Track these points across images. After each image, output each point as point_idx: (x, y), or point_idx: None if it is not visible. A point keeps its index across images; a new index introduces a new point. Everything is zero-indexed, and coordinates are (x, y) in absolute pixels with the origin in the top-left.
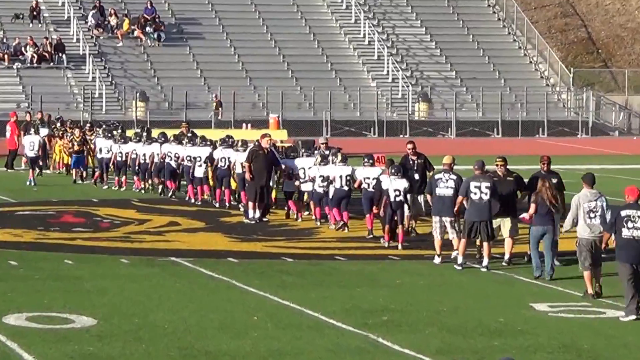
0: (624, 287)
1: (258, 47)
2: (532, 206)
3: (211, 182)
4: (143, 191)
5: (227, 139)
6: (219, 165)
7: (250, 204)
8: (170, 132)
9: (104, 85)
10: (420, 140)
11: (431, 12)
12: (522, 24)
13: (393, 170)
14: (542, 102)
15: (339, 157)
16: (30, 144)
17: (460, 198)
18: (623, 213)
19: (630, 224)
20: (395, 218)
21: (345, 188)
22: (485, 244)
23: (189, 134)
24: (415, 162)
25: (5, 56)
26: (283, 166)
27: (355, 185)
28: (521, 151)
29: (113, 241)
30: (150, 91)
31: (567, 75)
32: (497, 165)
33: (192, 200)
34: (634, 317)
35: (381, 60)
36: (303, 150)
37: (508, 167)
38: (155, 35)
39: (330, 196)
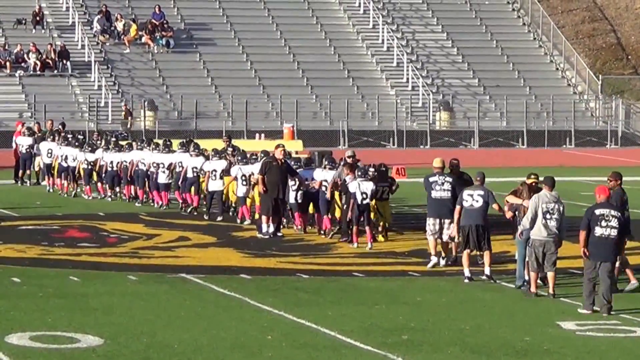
0: (584, 282)
1: (271, 53)
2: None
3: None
4: (110, 199)
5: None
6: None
7: (264, 217)
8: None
9: (110, 93)
10: (441, 152)
11: (453, 16)
12: (548, 29)
13: (359, 173)
14: (569, 110)
15: (302, 162)
16: (47, 151)
17: (457, 208)
18: (597, 212)
19: (604, 223)
20: (362, 219)
21: (312, 191)
22: (486, 253)
23: (230, 148)
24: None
25: (7, 63)
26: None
27: (315, 185)
28: (547, 162)
29: (120, 257)
30: (159, 100)
31: (595, 82)
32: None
33: (157, 205)
34: (590, 312)
35: (400, 67)
36: (326, 163)
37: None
38: (164, 42)
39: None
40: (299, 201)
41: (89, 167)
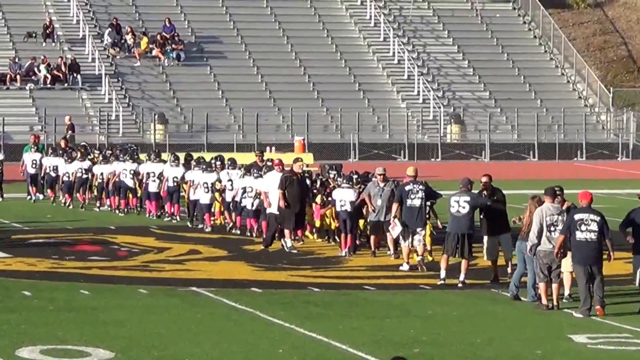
0: (580, 288)
1: (282, 66)
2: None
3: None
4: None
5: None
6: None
7: (287, 232)
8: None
9: (120, 106)
10: (452, 164)
11: (463, 29)
12: (559, 42)
13: (343, 180)
14: (581, 123)
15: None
16: (32, 161)
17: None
18: (577, 217)
19: (583, 227)
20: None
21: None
22: (463, 261)
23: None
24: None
25: (18, 77)
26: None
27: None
28: (559, 175)
29: (131, 270)
30: (170, 113)
31: (606, 95)
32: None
33: (147, 215)
34: (585, 316)
35: (411, 80)
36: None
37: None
38: (175, 55)
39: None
40: (254, 208)
41: (69, 178)
